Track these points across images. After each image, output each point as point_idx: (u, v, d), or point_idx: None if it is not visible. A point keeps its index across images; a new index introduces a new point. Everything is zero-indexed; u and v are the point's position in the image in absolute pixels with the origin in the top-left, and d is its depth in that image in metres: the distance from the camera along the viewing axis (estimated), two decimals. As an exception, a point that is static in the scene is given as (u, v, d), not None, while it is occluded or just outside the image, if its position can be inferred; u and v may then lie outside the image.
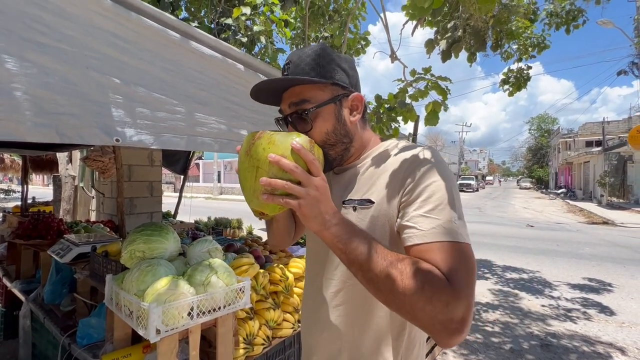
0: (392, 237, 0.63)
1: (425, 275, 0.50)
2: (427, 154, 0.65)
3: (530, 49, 3.83)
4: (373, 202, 0.66)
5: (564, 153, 29.17)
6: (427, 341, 0.77)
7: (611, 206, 15.31)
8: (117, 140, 0.81)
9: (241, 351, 1.41)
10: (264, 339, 1.52)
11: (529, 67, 4.03)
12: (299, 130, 0.67)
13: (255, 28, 2.16)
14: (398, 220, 0.62)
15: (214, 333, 1.30)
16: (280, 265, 1.78)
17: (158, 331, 1.05)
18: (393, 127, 2.54)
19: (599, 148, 19.01)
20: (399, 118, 2.48)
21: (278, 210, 0.61)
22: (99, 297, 1.70)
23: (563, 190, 25.08)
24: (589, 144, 25.26)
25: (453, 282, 0.50)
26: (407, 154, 0.67)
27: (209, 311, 1.18)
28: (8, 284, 2.36)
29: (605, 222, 10.97)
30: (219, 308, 1.22)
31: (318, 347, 0.75)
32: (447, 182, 0.60)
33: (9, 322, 2.72)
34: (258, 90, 0.69)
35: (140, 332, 1.07)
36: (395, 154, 0.69)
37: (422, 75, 2.22)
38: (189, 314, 1.12)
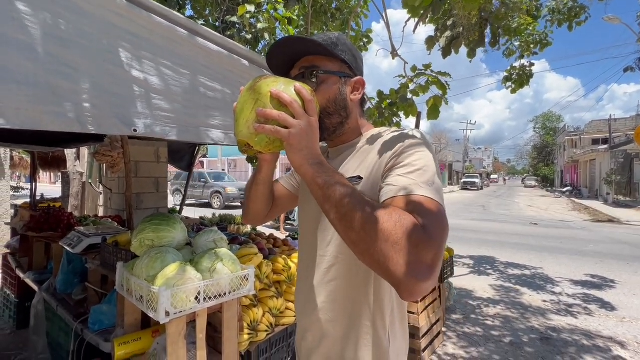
0: None
1: (399, 216, 0.51)
2: (414, 133, 0.69)
3: (532, 45, 3.83)
4: (362, 178, 0.70)
5: (570, 151, 28.91)
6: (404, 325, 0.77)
7: (617, 204, 15.18)
8: (135, 130, 0.86)
9: (245, 336, 1.46)
10: (267, 326, 1.58)
11: (532, 64, 4.04)
12: None
13: (259, 25, 2.21)
14: (380, 185, 0.64)
15: (219, 319, 1.36)
16: (284, 256, 1.84)
17: (167, 313, 1.11)
18: (395, 121, 2.59)
19: (606, 146, 18.85)
20: (401, 113, 2.52)
21: (265, 145, 0.62)
22: (109, 285, 1.77)
23: (569, 188, 24.89)
24: (595, 141, 25.01)
25: (425, 227, 0.50)
26: (396, 133, 0.71)
27: (215, 296, 1.24)
28: (21, 275, 2.45)
29: (611, 220, 10.90)
30: (225, 294, 1.27)
31: (312, 324, 0.78)
32: (430, 156, 0.63)
33: (22, 312, 2.81)
34: (276, 48, 0.72)
35: (151, 315, 1.13)
36: (387, 136, 0.73)
37: (423, 71, 2.27)
38: (196, 298, 1.18)
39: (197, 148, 4.30)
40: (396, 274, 0.48)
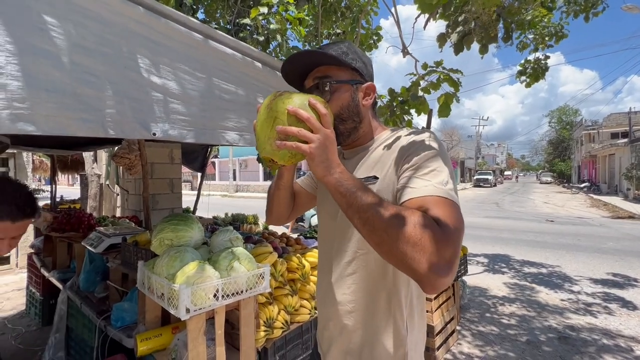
0: None
1: (418, 218, 0.55)
2: (428, 136, 0.73)
3: (547, 38, 3.74)
4: (377, 178, 0.74)
5: (587, 145, 28.03)
6: (420, 308, 0.80)
7: (638, 200, 14.66)
8: (154, 134, 0.90)
9: (262, 333, 1.49)
10: (282, 323, 1.61)
11: (547, 57, 3.94)
12: None
13: (271, 27, 2.23)
14: (397, 187, 0.68)
15: (236, 316, 1.39)
16: (298, 255, 1.86)
17: (188, 310, 1.14)
18: (406, 119, 2.58)
19: (625, 140, 18.18)
20: (412, 111, 2.52)
21: (287, 159, 0.65)
22: (129, 283, 1.83)
23: (586, 184, 24.15)
24: (614, 135, 24.17)
25: (442, 226, 0.54)
26: (409, 135, 0.75)
27: (233, 294, 1.27)
28: (46, 273, 2.54)
29: (632, 217, 10.54)
30: (242, 291, 1.30)
31: (333, 314, 0.82)
32: (443, 156, 0.67)
33: (46, 309, 2.92)
34: (290, 62, 0.77)
35: (172, 312, 1.16)
36: (400, 137, 0.77)
37: (434, 69, 2.25)
38: (215, 295, 1.21)
39: (209, 149, 4.38)
40: (418, 271, 0.52)
